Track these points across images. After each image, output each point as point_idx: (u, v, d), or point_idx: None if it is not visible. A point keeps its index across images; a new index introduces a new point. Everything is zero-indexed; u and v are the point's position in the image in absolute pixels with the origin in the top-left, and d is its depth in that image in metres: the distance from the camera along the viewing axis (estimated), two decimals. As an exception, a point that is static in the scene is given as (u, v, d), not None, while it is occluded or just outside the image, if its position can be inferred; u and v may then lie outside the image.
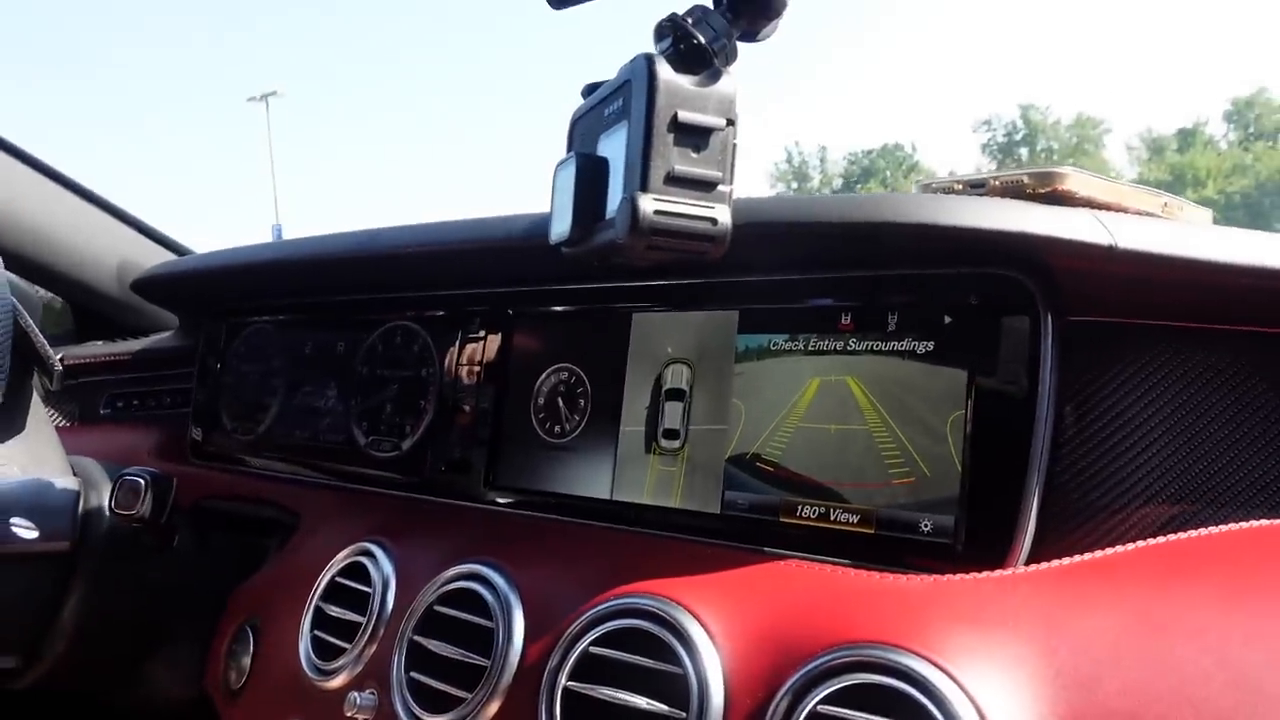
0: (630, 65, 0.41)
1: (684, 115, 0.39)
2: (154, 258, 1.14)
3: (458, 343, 0.79)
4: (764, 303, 0.63)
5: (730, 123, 0.40)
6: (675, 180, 0.39)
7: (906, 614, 0.46)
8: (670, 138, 0.39)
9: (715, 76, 0.40)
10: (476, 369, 0.77)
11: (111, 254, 1.10)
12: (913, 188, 0.60)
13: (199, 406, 1.00)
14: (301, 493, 0.85)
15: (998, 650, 0.43)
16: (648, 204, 0.38)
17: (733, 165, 0.40)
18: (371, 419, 0.84)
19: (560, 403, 0.72)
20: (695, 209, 0.39)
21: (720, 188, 0.39)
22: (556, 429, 0.72)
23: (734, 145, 0.40)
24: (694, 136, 0.39)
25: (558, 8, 0.51)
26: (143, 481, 0.66)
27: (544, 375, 0.74)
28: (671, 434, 0.66)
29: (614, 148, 0.42)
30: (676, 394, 0.66)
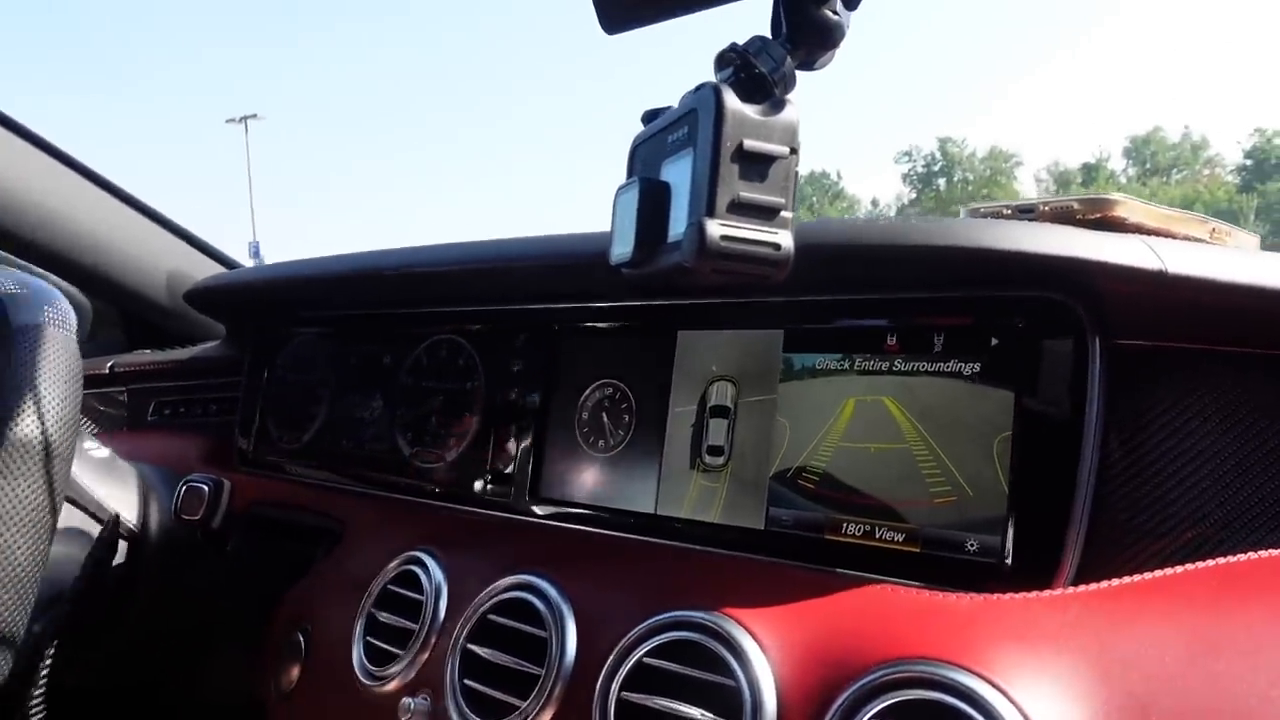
0: (696, 95, 0.42)
1: (749, 144, 0.40)
2: (202, 269, 1.17)
3: (503, 356, 0.81)
4: (809, 322, 0.64)
5: (793, 151, 0.41)
6: (740, 206, 0.40)
7: (958, 631, 0.46)
8: (736, 165, 0.40)
9: (779, 106, 0.41)
10: (521, 383, 0.79)
11: (162, 265, 1.13)
12: (962, 212, 0.61)
13: (245, 415, 1.02)
14: (346, 501, 0.87)
15: (1050, 668, 0.43)
16: (714, 229, 0.39)
17: (794, 192, 0.41)
18: (416, 430, 0.86)
19: (605, 417, 0.74)
20: (759, 234, 0.40)
21: (783, 214, 0.40)
22: (600, 443, 0.73)
23: (796, 173, 0.41)
24: (759, 164, 0.40)
25: (611, 32, 0.53)
26: (206, 488, 0.68)
27: (589, 390, 0.75)
28: (716, 450, 0.67)
29: (677, 173, 0.44)
30: (721, 411, 0.67)
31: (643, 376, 0.72)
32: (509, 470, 0.78)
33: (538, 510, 0.75)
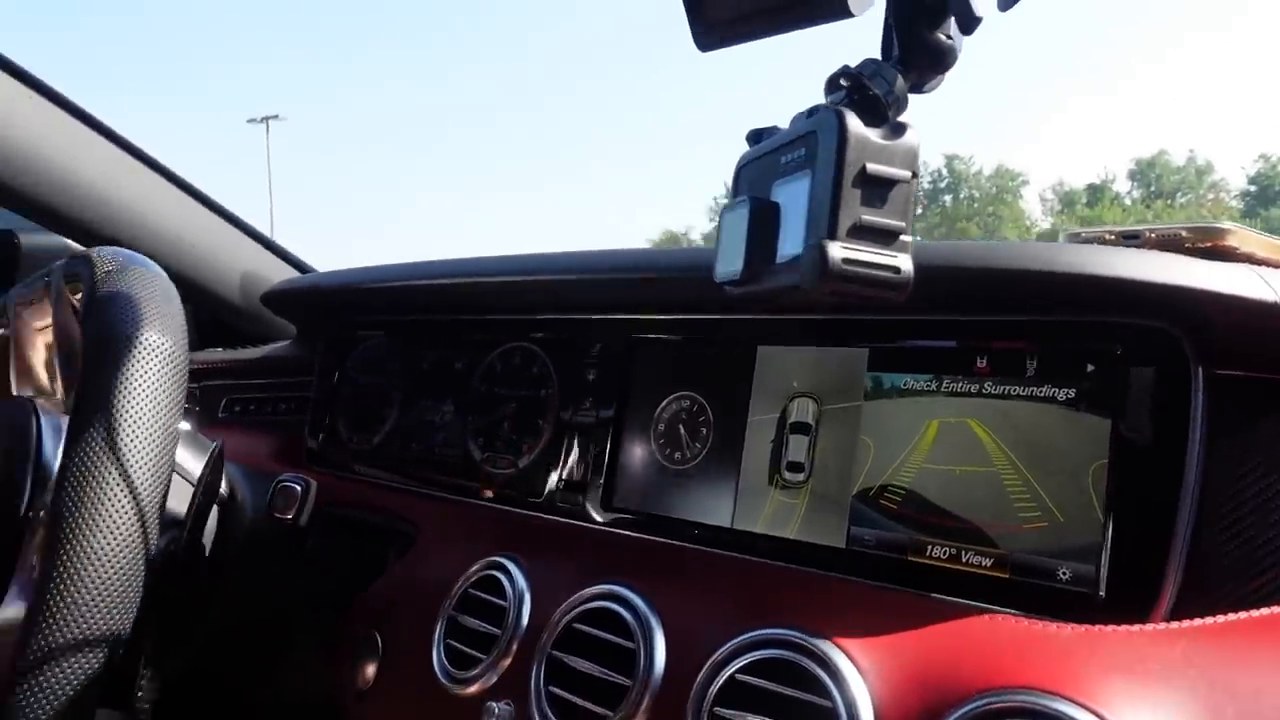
0: (817, 118, 0.42)
1: (872, 167, 0.40)
2: (275, 271, 1.20)
3: (578, 366, 0.82)
4: (896, 341, 0.64)
5: (914, 175, 0.41)
6: (860, 230, 0.40)
7: (1060, 661, 0.46)
8: (857, 189, 0.40)
9: (900, 130, 0.41)
10: (596, 392, 0.80)
11: (238, 266, 1.16)
12: (1063, 237, 0.60)
13: (316, 415, 1.04)
14: (418, 503, 0.88)
15: (1159, 704, 0.43)
16: (836, 251, 0.39)
17: (912, 215, 0.41)
18: (488, 435, 0.87)
19: (681, 429, 0.74)
20: (880, 258, 0.40)
21: (903, 237, 0.41)
22: (677, 455, 0.74)
23: (915, 196, 0.41)
24: (879, 188, 0.40)
25: (705, 49, 0.53)
26: (298, 488, 0.70)
27: (665, 402, 0.76)
28: (796, 467, 0.67)
29: (790, 195, 0.44)
30: (802, 428, 0.67)
31: (720, 390, 0.73)
32: (582, 478, 0.78)
33: (611, 519, 0.75)
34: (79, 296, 0.61)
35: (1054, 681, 0.44)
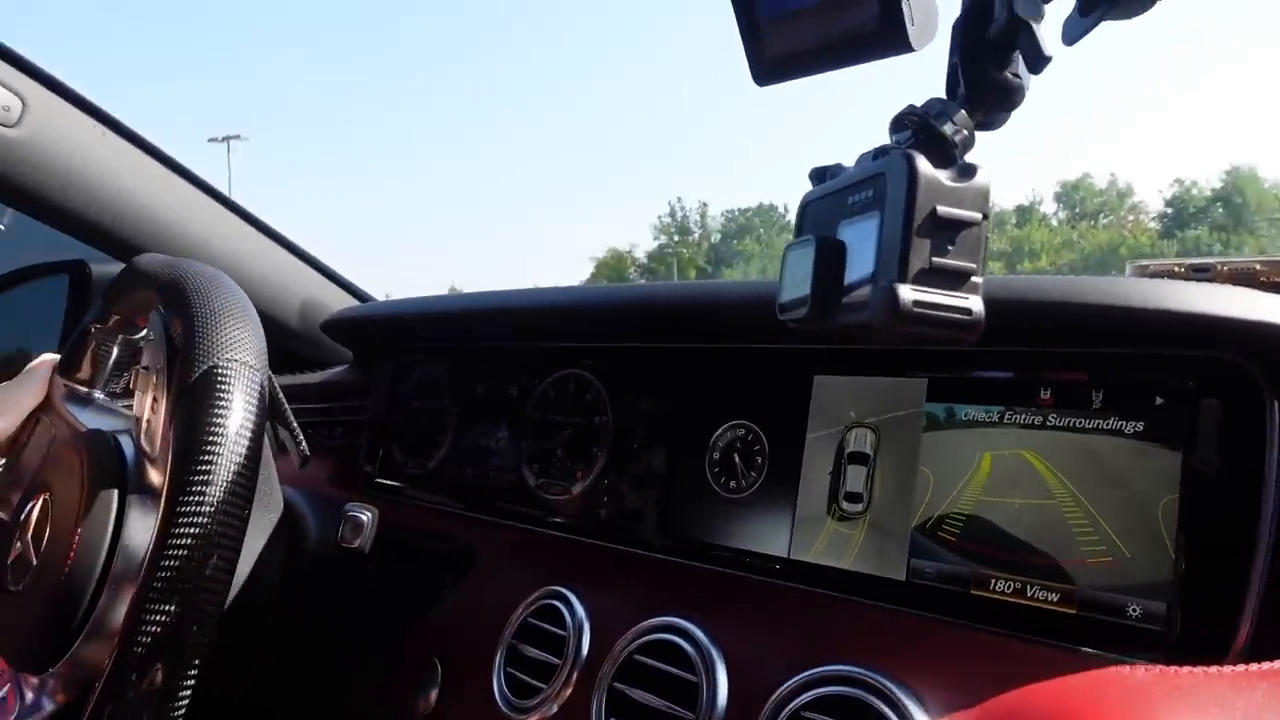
0: (886, 160, 0.43)
1: (942, 210, 0.40)
2: (334, 298, 1.23)
3: (632, 393, 0.82)
4: (956, 372, 0.64)
5: (985, 217, 0.41)
6: (931, 272, 0.40)
7: (1137, 703, 0.45)
8: (927, 231, 0.40)
9: (971, 172, 0.42)
10: (650, 420, 0.80)
11: (298, 294, 1.19)
12: (1128, 269, 0.60)
13: (372, 440, 1.06)
14: (474, 529, 0.89)
15: (1241, 751, 0.42)
16: (907, 294, 0.40)
17: (984, 257, 0.41)
18: (543, 462, 0.88)
19: (737, 459, 0.74)
20: (950, 299, 0.40)
21: (974, 279, 0.41)
22: (732, 484, 0.74)
23: (986, 238, 0.42)
24: (950, 230, 0.41)
25: (763, 84, 0.54)
26: (365, 518, 0.71)
27: (720, 430, 0.76)
28: (854, 497, 0.67)
29: (858, 235, 0.44)
30: (860, 458, 0.67)
31: (776, 419, 0.73)
32: (637, 506, 0.79)
33: (667, 548, 0.76)
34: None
35: (1131, 725, 0.44)
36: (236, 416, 0.54)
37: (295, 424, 0.78)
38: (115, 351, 0.77)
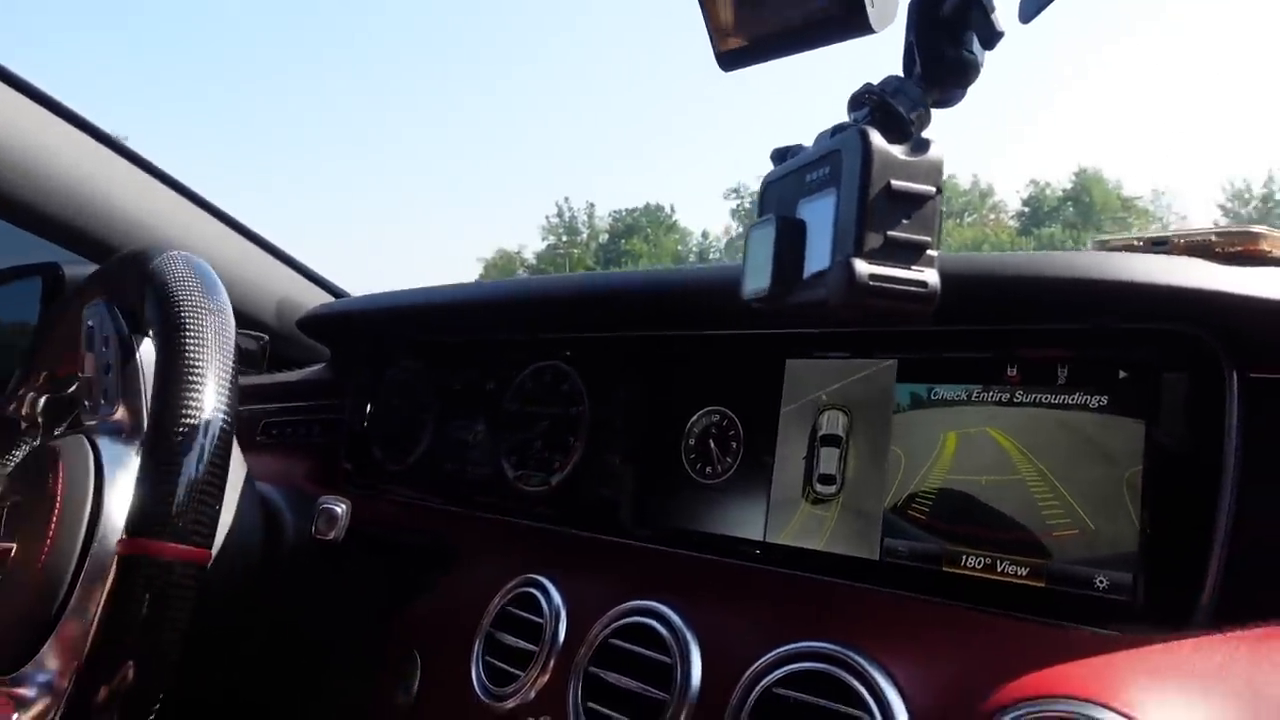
0: (841, 136, 0.43)
1: (896, 184, 0.41)
2: (310, 295, 1.22)
3: (608, 382, 0.83)
4: (925, 352, 0.64)
5: (938, 190, 0.42)
6: (886, 246, 0.41)
7: (1099, 670, 0.46)
8: (881, 205, 0.41)
9: (924, 146, 0.42)
10: (626, 409, 0.81)
11: (274, 292, 1.19)
12: (1089, 244, 0.60)
13: (352, 437, 1.06)
14: (453, 523, 0.89)
15: (1200, 712, 0.42)
16: (863, 268, 0.40)
17: (939, 230, 0.42)
18: (520, 453, 0.89)
19: (712, 444, 0.75)
20: (907, 273, 0.41)
21: (929, 252, 0.41)
22: (708, 470, 0.74)
23: (941, 211, 0.42)
24: (904, 203, 0.41)
25: (727, 69, 0.54)
26: (339, 510, 0.71)
27: (695, 417, 0.76)
28: (827, 479, 0.67)
29: (816, 213, 0.45)
30: (833, 440, 0.68)
31: (750, 404, 0.73)
32: (614, 495, 0.79)
33: (645, 535, 0.76)
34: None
35: (1094, 690, 0.44)
36: (206, 417, 0.54)
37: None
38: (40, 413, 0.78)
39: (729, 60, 0.54)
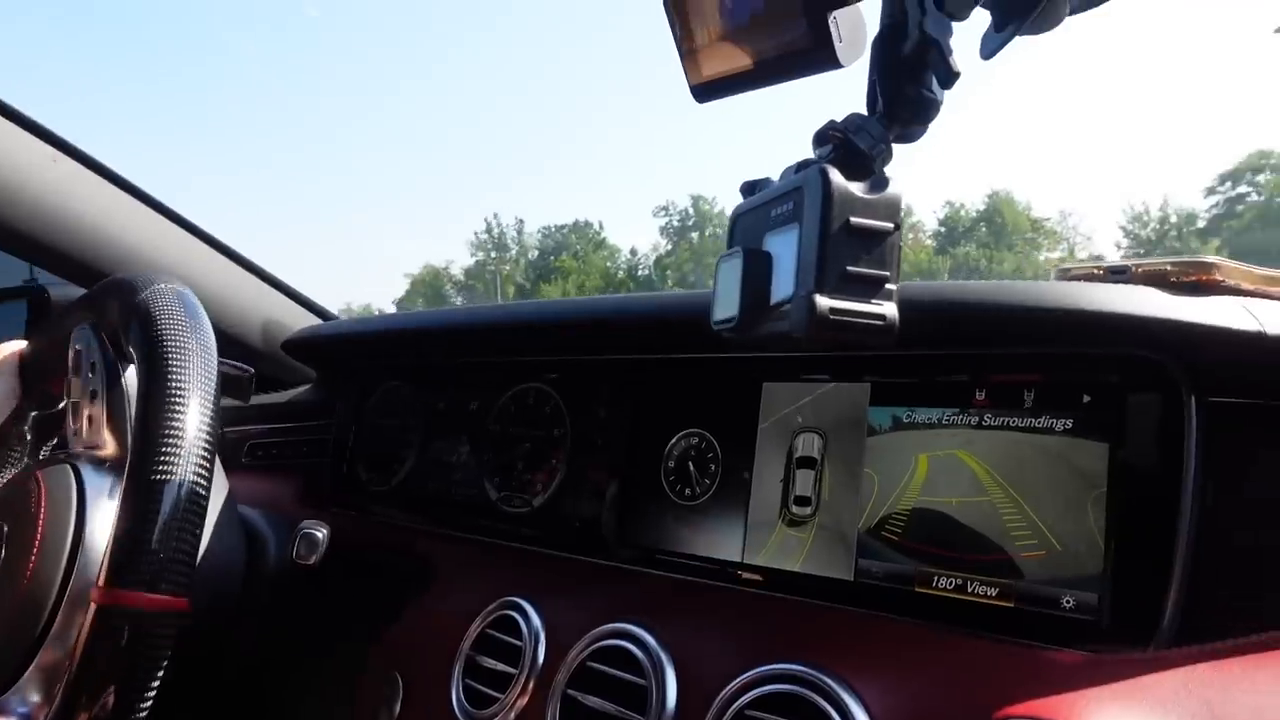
0: (802, 174, 0.44)
1: (856, 220, 0.42)
2: (296, 317, 1.23)
3: (589, 405, 0.84)
4: (897, 376, 0.65)
5: (897, 226, 0.43)
6: (847, 280, 0.42)
7: (1063, 691, 0.47)
8: (842, 241, 0.42)
9: (882, 184, 0.43)
10: (607, 431, 0.82)
11: (260, 314, 1.20)
12: (1052, 274, 0.62)
13: (336, 458, 1.07)
14: (436, 544, 0.90)
15: (1159, 732, 0.44)
16: (823, 303, 0.41)
17: (898, 264, 0.43)
18: (503, 475, 0.89)
19: (691, 466, 0.76)
20: (865, 306, 0.42)
21: (888, 286, 0.42)
22: (687, 491, 0.75)
23: (899, 246, 0.43)
24: (864, 239, 0.42)
25: (702, 101, 0.56)
26: (320, 535, 0.72)
27: (674, 439, 0.77)
28: (803, 501, 0.68)
29: (781, 246, 0.46)
30: (808, 462, 0.69)
31: (728, 427, 0.74)
32: (595, 516, 0.80)
33: (625, 556, 0.77)
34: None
35: (1056, 712, 0.45)
36: (184, 459, 0.55)
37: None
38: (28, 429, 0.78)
39: (703, 92, 0.56)
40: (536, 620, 0.68)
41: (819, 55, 0.49)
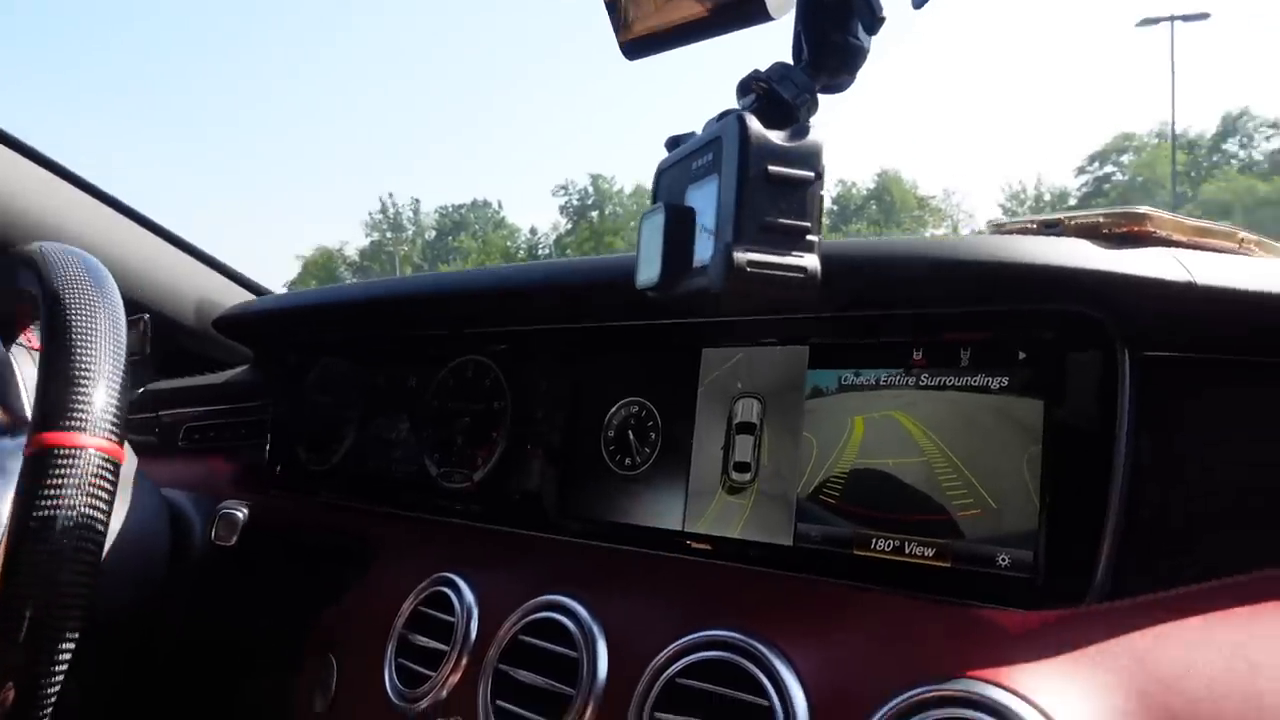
0: (721, 123, 0.43)
1: (774, 169, 0.40)
2: (231, 295, 1.19)
3: (528, 377, 0.82)
4: (835, 338, 0.64)
5: (818, 176, 0.41)
6: (766, 232, 0.40)
7: (993, 648, 0.46)
8: (761, 191, 0.41)
9: (802, 132, 0.42)
10: (547, 402, 0.80)
11: (192, 292, 1.15)
12: (986, 228, 0.61)
13: (274, 438, 1.04)
14: (376, 523, 0.88)
15: (1088, 687, 0.43)
16: (741, 255, 0.40)
17: (819, 215, 0.42)
18: (444, 451, 0.87)
19: (631, 435, 0.74)
20: (786, 259, 0.40)
21: (809, 237, 0.41)
22: (627, 461, 0.74)
23: (820, 196, 0.42)
24: (783, 189, 0.41)
25: (632, 58, 0.54)
26: (239, 514, 0.69)
27: (614, 408, 0.76)
28: (743, 467, 0.67)
29: (702, 199, 0.44)
30: (747, 428, 0.68)
31: (667, 394, 0.73)
32: (537, 489, 0.78)
33: (566, 529, 0.75)
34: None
35: (985, 669, 0.45)
36: (102, 332, 0.53)
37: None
38: None
39: (633, 49, 0.54)
40: (470, 595, 0.66)
41: (750, 8, 0.48)
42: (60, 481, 0.49)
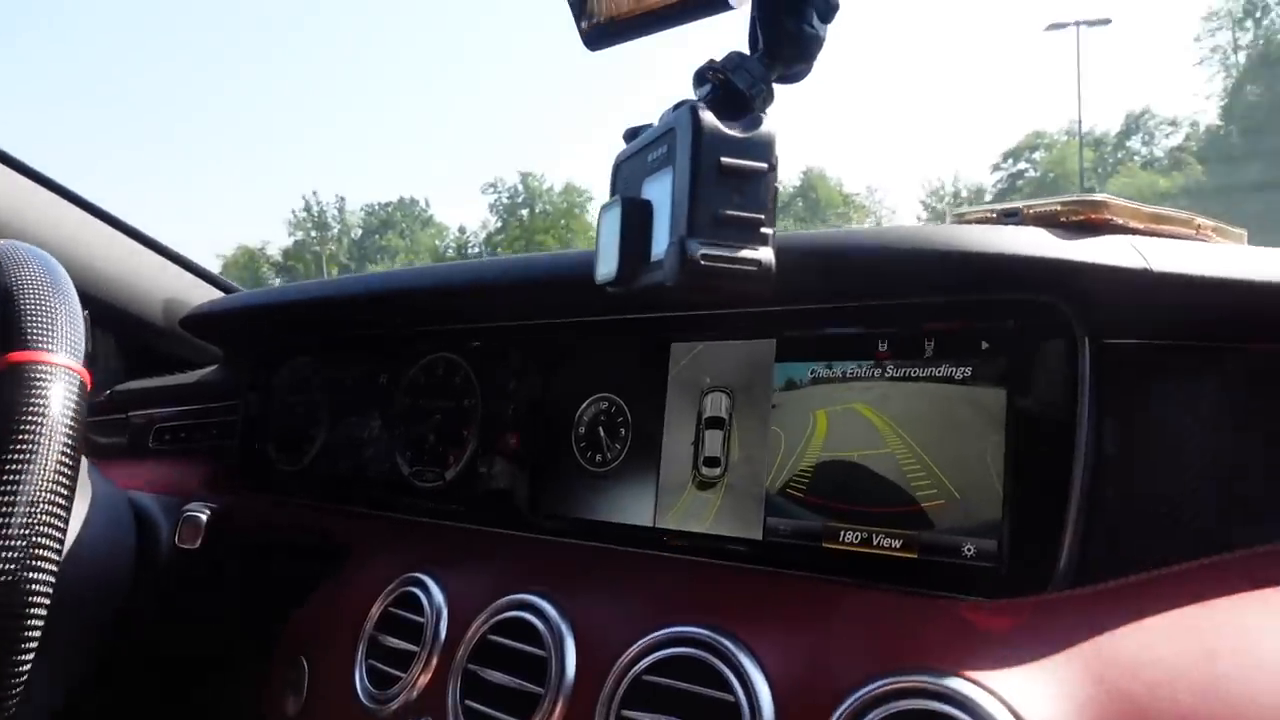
0: (674, 114, 0.42)
1: (727, 161, 0.40)
2: (199, 293, 1.17)
3: (499, 374, 0.81)
4: (801, 331, 0.64)
5: (772, 167, 0.41)
6: (720, 224, 0.40)
7: (956, 638, 0.46)
8: (714, 183, 0.40)
9: (756, 123, 0.41)
10: (518, 399, 0.79)
11: (158, 291, 1.14)
12: (949, 218, 0.61)
13: (245, 439, 1.02)
14: (347, 522, 0.87)
15: (1049, 675, 0.43)
16: (695, 248, 0.39)
17: (774, 207, 0.41)
18: (415, 449, 0.86)
19: (601, 432, 0.74)
20: (739, 251, 0.40)
21: (763, 229, 0.41)
22: (598, 458, 0.73)
23: (775, 188, 0.41)
24: (737, 180, 0.40)
25: (593, 49, 0.53)
26: (203, 516, 0.68)
27: (584, 405, 0.75)
28: (712, 462, 0.67)
29: (659, 191, 0.44)
30: (716, 422, 0.67)
31: (637, 390, 0.72)
32: (507, 487, 0.78)
33: (538, 526, 0.75)
34: None
35: (949, 659, 0.45)
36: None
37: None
38: None
39: (594, 38, 0.53)
40: (439, 596, 0.65)
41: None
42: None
